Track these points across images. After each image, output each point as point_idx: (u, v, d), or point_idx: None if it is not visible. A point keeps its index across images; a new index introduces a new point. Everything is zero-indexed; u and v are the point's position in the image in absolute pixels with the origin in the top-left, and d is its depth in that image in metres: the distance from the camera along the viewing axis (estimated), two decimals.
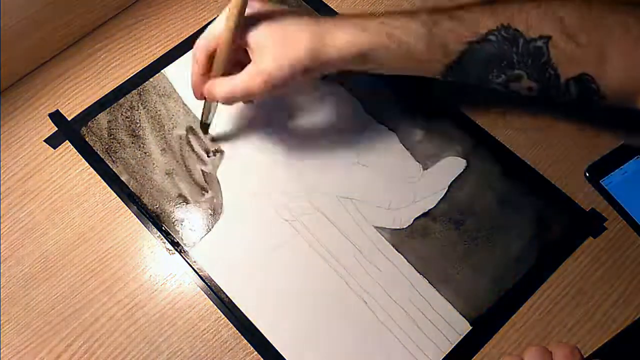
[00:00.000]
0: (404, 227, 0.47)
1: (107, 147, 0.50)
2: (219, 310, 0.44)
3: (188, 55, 0.54)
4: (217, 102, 0.45)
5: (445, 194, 0.48)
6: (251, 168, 0.49)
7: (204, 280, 0.45)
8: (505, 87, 0.41)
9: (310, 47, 0.38)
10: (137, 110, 0.52)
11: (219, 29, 0.40)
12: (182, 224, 0.47)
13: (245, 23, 0.39)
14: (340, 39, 0.39)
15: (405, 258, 0.46)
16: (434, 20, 0.39)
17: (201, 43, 0.42)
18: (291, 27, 0.39)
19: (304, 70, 0.39)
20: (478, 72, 0.40)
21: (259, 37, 0.39)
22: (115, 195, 0.48)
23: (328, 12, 0.56)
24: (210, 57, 0.42)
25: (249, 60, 0.41)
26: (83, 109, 0.52)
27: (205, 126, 0.49)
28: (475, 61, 0.39)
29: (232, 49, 0.40)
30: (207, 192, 0.48)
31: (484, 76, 0.41)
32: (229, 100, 0.42)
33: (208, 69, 0.42)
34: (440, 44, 0.39)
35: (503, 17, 0.38)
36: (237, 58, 0.42)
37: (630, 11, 0.37)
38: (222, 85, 0.41)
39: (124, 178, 0.49)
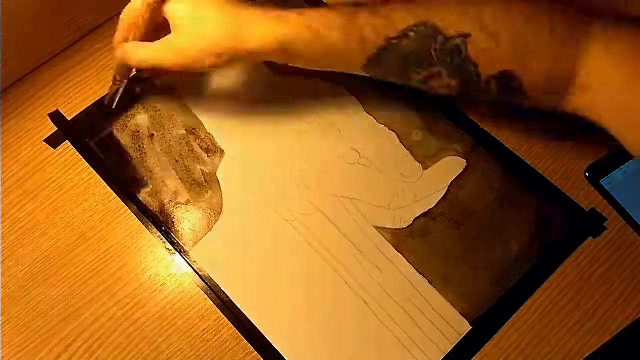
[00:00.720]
0: (404, 227, 0.47)
1: (106, 147, 0.50)
2: (219, 310, 0.44)
3: None
4: (130, 67, 0.45)
5: (445, 194, 0.48)
6: (251, 168, 0.49)
7: (204, 280, 0.45)
8: (425, 84, 0.41)
9: (226, 35, 0.39)
10: (137, 110, 0.52)
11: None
12: (182, 224, 0.47)
13: None
14: (259, 32, 0.39)
15: (405, 258, 0.46)
16: (354, 13, 0.38)
17: (124, 14, 0.42)
18: (212, 12, 0.39)
19: (217, 56, 0.39)
20: (397, 67, 0.40)
21: (179, 13, 0.40)
22: (115, 195, 0.48)
23: None
24: (132, 26, 0.42)
25: (169, 29, 0.41)
26: (83, 109, 0.52)
27: (109, 107, 0.50)
28: (394, 57, 0.39)
29: (147, 20, 0.41)
30: (207, 192, 0.48)
31: (403, 72, 0.40)
32: (140, 66, 0.43)
33: (127, 36, 0.43)
34: (359, 39, 0.38)
35: (423, 13, 0.38)
36: (157, 23, 0.42)
37: (556, 10, 0.37)
38: (136, 51, 0.42)
39: (124, 178, 0.49)
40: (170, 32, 0.41)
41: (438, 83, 0.40)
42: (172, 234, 0.47)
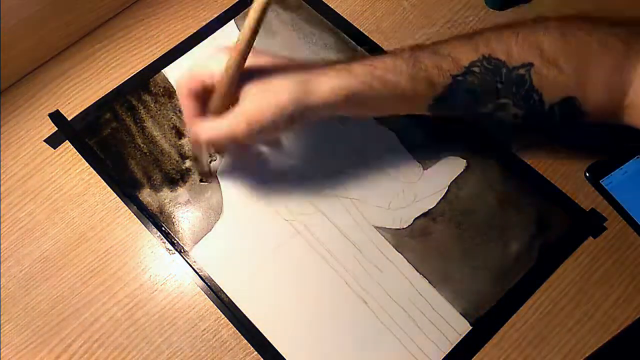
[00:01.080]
0: (404, 227, 0.47)
1: (106, 147, 0.50)
2: (219, 310, 0.44)
3: (188, 55, 0.54)
4: (203, 145, 0.44)
5: (445, 194, 0.48)
6: (251, 168, 0.49)
7: (204, 280, 0.45)
8: (492, 116, 0.41)
9: (294, 93, 0.38)
10: (137, 110, 0.52)
11: (206, 70, 0.39)
12: (182, 224, 0.47)
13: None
14: (325, 85, 0.38)
15: (405, 258, 0.46)
16: (416, 58, 0.39)
17: (187, 84, 0.40)
18: (277, 75, 0.39)
19: (288, 116, 0.38)
20: (465, 103, 0.40)
21: (246, 84, 0.39)
22: (115, 195, 0.48)
23: (328, 12, 0.55)
24: (198, 97, 0.40)
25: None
26: (83, 109, 0.52)
27: (204, 174, 0.49)
28: (461, 93, 0.39)
29: (231, 93, 0.39)
30: (207, 192, 0.48)
31: (470, 107, 0.41)
32: (213, 143, 0.41)
33: (200, 110, 0.41)
34: (425, 80, 0.39)
35: (484, 48, 0.38)
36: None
37: (608, 30, 0.38)
38: (206, 128, 0.40)
39: (124, 178, 0.49)
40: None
41: (505, 113, 0.40)
42: (172, 234, 0.47)
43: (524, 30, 0.38)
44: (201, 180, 0.48)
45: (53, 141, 0.51)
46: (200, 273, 0.46)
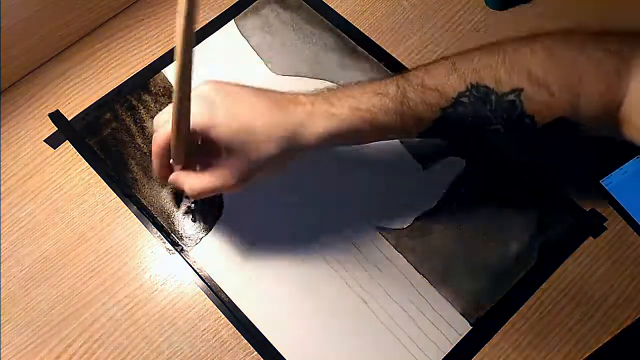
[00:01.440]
0: (404, 227, 0.47)
1: (106, 147, 0.50)
2: (219, 310, 0.44)
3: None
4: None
5: (445, 194, 0.48)
6: None
7: (204, 280, 0.45)
8: (484, 139, 0.41)
9: (281, 145, 0.37)
10: (137, 110, 0.52)
11: (164, 120, 0.38)
12: (182, 224, 0.47)
13: (207, 114, 0.37)
14: (312, 132, 0.38)
15: (405, 258, 0.46)
16: (403, 94, 0.38)
17: (156, 138, 0.39)
18: (260, 123, 0.37)
19: (278, 164, 0.39)
20: (454, 133, 0.40)
21: (226, 134, 0.37)
22: (115, 195, 0.48)
23: (328, 12, 0.55)
24: (168, 149, 0.39)
25: (214, 146, 0.38)
26: (83, 109, 0.52)
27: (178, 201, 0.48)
28: (450, 125, 0.39)
29: (186, 142, 0.37)
30: None
31: (461, 134, 0.41)
32: (201, 197, 0.40)
33: (168, 159, 0.40)
34: (413, 116, 0.38)
35: (471, 76, 0.37)
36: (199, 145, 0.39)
37: (598, 45, 0.37)
38: (192, 183, 0.38)
39: (124, 178, 0.49)
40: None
41: (497, 137, 0.40)
42: (172, 234, 0.47)
43: (510, 52, 0.37)
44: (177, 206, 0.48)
45: (53, 141, 0.51)
46: (200, 273, 0.46)
